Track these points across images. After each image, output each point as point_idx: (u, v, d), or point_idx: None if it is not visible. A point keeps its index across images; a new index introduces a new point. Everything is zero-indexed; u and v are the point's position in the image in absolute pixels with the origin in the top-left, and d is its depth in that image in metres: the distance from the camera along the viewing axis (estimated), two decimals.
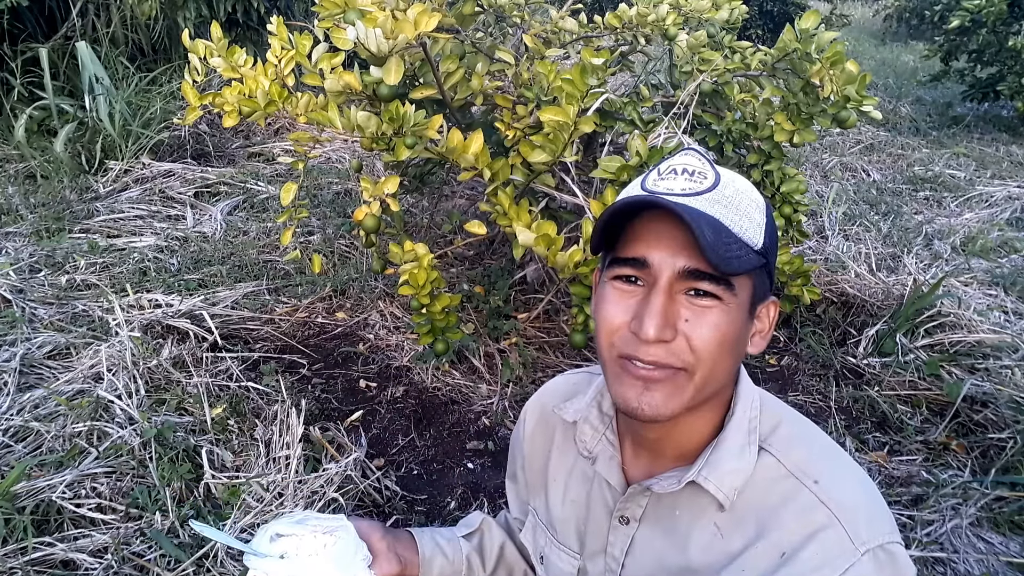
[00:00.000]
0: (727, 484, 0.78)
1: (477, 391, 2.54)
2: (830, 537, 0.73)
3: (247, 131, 5.17)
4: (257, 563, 0.83)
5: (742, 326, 0.75)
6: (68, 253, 3.27)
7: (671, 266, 0.71)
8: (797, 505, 0.75)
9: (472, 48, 2.24)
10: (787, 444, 0.80)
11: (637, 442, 0.87)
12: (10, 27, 4.42)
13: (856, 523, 0.73)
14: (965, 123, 6.56)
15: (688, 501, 0.81)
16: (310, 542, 0.85)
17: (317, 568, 0.83)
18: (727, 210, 0.72)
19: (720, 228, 0.70)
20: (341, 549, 0.86)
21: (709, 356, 0.72)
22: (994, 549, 1.89)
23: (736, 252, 0.70)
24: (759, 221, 0.74)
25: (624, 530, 0.86)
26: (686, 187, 0.73)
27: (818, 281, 3.19)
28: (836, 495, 0.75)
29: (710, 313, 0.72)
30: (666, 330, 0.71)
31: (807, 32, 2.01)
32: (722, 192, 0.73)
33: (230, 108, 1.96)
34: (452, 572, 1.00)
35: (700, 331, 0.71)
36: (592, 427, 0.91)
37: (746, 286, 0.74)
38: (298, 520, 0.88)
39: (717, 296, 0.71)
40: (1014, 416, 2.31)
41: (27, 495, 1.82)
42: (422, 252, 2.00)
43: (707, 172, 0.74)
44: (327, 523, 0.88)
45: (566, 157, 1.95)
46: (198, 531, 0.91)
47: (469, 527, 1.07)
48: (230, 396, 2.35)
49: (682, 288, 0.72)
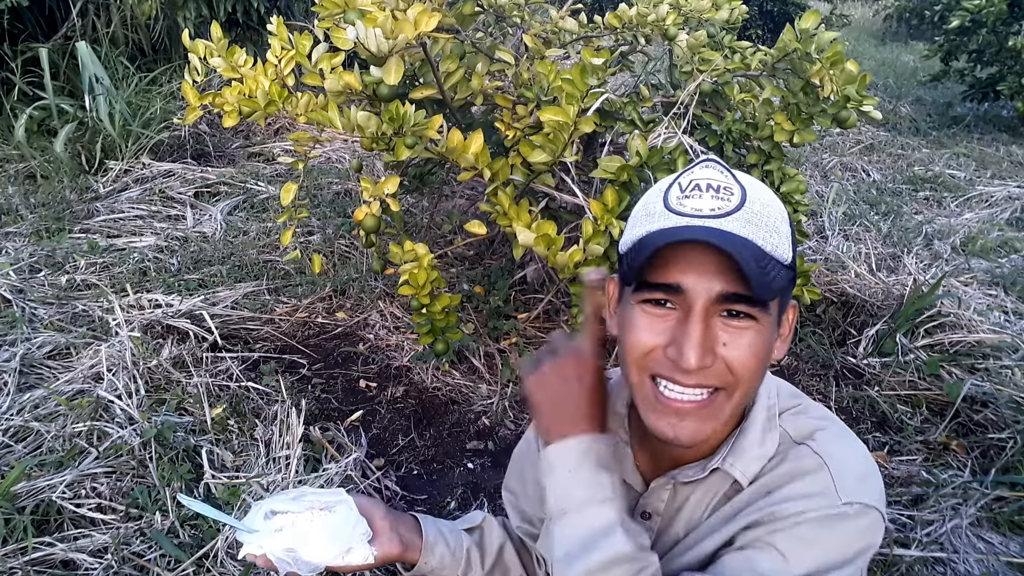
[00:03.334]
0: (751, 469, 0.79)
1: (477, 391, 2.54)
2: (816, 479, 0.74)
3: (247, 131, 5.16)
4: (250, 538, 0.82)
5: (772, 338, 0.75)
6: (68, 253, 3.27)
7: (707, 291, 0.69)
8: (792, 455, 0.78)
9: (472, 48, 2.24)
10: (795, 418, 0.82)
11: (653, 441, 0.87)
12: (10, 27, 4.42)
13: (844, 477, 0.74)
14: (965, 123, 6.56)
15: (706, 484, 0.82)
16: (306, 518, 0.84)
17: (313, 540, 0.83)
18: (759, 229, 0.70)
19: (758, 253, 0.69)
20: (338, 523, 0.85)
21: (748, 376, 0.72)
22: (994, 549, 1.89)
23: (772, 273, 0.69)
24: (786, 233, 0.73)
25: (647, 525, 0.86)
26: (715, 207, 0.70)
27: (818, 281, 3.19)
28: (830, 450, 0.77)
29: (746, 334, 0.71)
30: (707, 357, 0.70)
31: (807, 32, 2.01)
32: (751, 209, 0.71)
33: (230, 108, 1.96)
34: (452, 562, 1.00)
35: (738, 352, 0.71)
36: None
37: (776, 300, 0.74)
38: (294, 497, 0.87)
39: (753, 316, 0.71)
40: (1014, 416, 2.30)
41: (27, 495, 1.82)
42: (422, 252, 2.00)
43: (732, 187, 0.72)
44: (324, 498, 0.87)
45: (566, 157, 1.95)
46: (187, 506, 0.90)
47: (471, 523, 1.07)
48: (230, 396, 2.35)
49: (717, 311, 0.71)
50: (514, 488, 1.08)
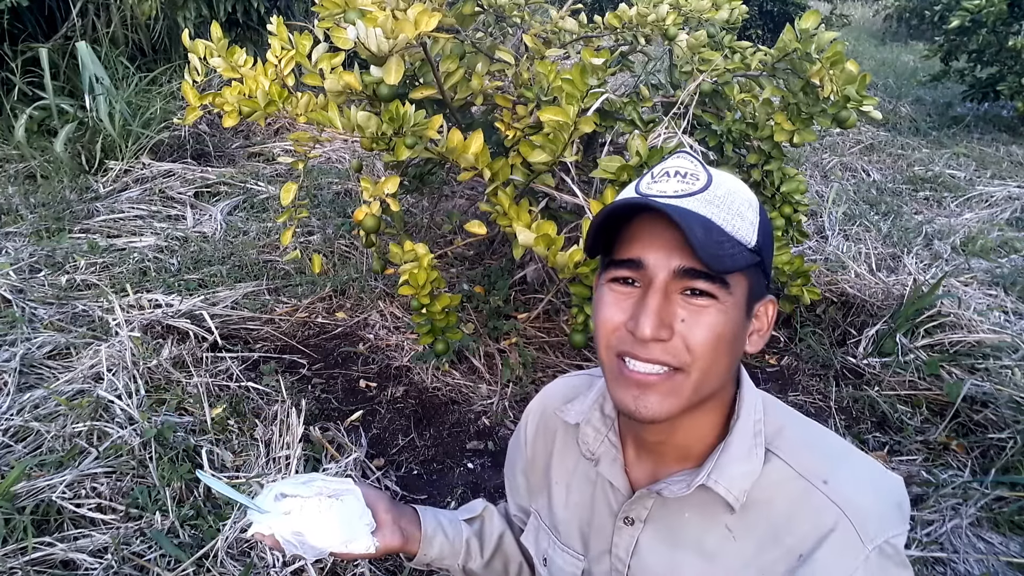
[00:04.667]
0: (737, 487, 0.78)
1: (477, 391, 2.53)
2: (841, 537, 0.74)
3: (247, 131, 5.17)
4: (260, 518, 0.84)
5: (739, 325, 0.75)
6: (68, 253, 3.27)
7: (666, 266, 0.72)
8: (809, 507, 0.77)
9: (472, 48, 2.24)
10: (794, 446, 0.81)
11: (639, 444, 0.87)
12: (10, 27, 4.42)
13: (865, 521, 0.74)
14: (965, 123, 6.56)
15: (697, 503, 0.81)
16: (314, 503, 0.86)
17: (320, 526, 0.85)
18: (719, 209, 0.73)
19: (711, 227, 0.71)
20: (345, 511, 0.87)
21: (706, 355, 0.73)
22: (994, 549, 1.89)
23: (729, 250, 0.71)
24: (752, 219, 0.75)
25: (628, 531, 0.86)
26: (678, 189, 0.74)
27: (818, 281, 3.19)
28: (845, 493, 0.76)
29: (706, 312, 0.72)
30: (662, 329, 0.71)
31: (807, 32, 2.01)
32: (714, 192, 0.74)
33: (230, 108, 1.96)
34: (451, 553, 1.02)
35: (696, 330, 0.72)
36: (594, 429, 0.91)
37: (742, 284, 0.74)
38: (304, 481, 0.89)
39: (713, 295, 0.72)
40: (1014, 416, 2.30)
41: (27, 495, 1.82)
42: (422, 252, 2.00)
43: (699, 173, 0.75)
44: (333, 485, 0.89)
45: (566, 157, 1.95)
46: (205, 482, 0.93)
47: (471, 512, 1.08)
48: (230, 396, 2.35)
49: (678, 288, 0.72)
50: (507, 476, 1.11)
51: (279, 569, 1.73)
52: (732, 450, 0.79)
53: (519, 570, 1.09)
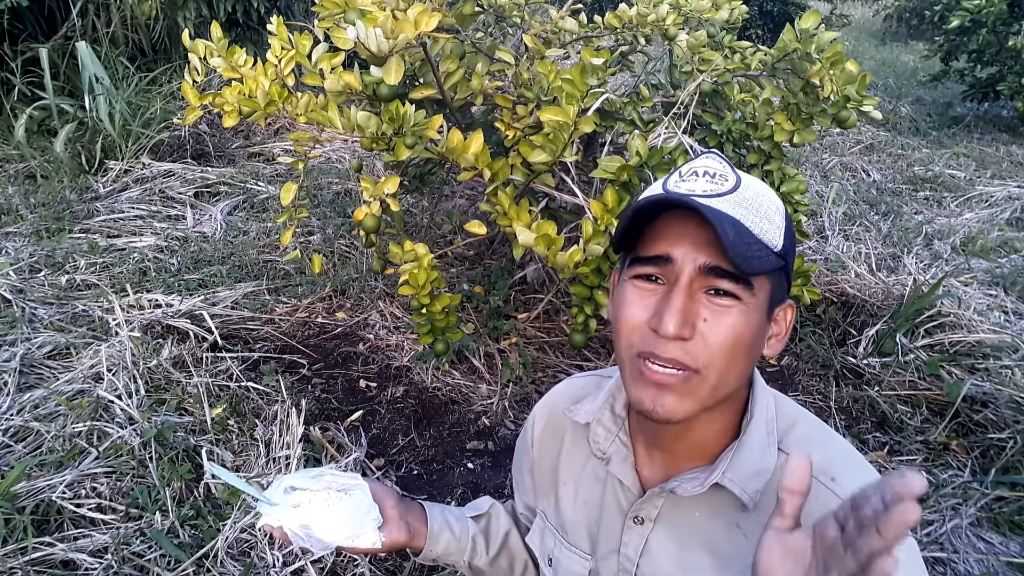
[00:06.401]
0: (751, 486, 0.78)
1: (477, 391, 2.54)
2: None
3: (247, 131, 5.17)
4: (270, 511, 0.85)
5: (759, 328, 0.75)
6: (68, 253, 3.27)
7: (693, 262, 0.72)
8: (818, 504, 0.76)
9: (472, 48, 2.24)
10: (804, 444, 0.81)
11: (651, 443, 0.87)
12: (10, 27, 4.42)
13: None
14: (965, 123, 6.56)
15: (709, 502, 0.81)
16: (323, 497, 0.87)
17: (328, 520, 0.86)
18: (748, 211, 0.73)
19: (741, 228, 0.71)
20: (353, 506, 0.88)
21: (725, 357, 0.72)
22: (994, 549, 1.89)
23: (756, 252, 0.71)
24: (779, 224, 0.75)
25: (638, 530, 0.86)
26: (708, 188, 0.74)
27: (818, 281, 3.19)
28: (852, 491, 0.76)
29: (729, 313, 0.72)
30: (685, 328, 0.71)
31: (807, 32, 2.01)
32: (743, 194, 0.74)
33: (230, 108, 1.95)
34: (457, 550, 1.03)
35: (717, 330, 0.72)
36: (605, 428, 0.91)
37: (765, 287, 0.74)
38: (314, 475, 0.90)
39: (736, 296, 0.72)
40: (1014, 416, 2.31)
41: (27, 495, 1.82)
42: (422, 252, 2.00)
43: (728, 174, 0.75)
44: (342, 480, 0.90)
45: (566, 157, 1.95)
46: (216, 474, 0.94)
47: (478, 510, 1.09)
48: (230, 396, 2.35)
49: (702, 286, 0.72)
50: (514, 476, 1.12)
51: (279, 569, 1.73)
52: (746, 449, 0.80)
53: (524, 568, 1.09)
